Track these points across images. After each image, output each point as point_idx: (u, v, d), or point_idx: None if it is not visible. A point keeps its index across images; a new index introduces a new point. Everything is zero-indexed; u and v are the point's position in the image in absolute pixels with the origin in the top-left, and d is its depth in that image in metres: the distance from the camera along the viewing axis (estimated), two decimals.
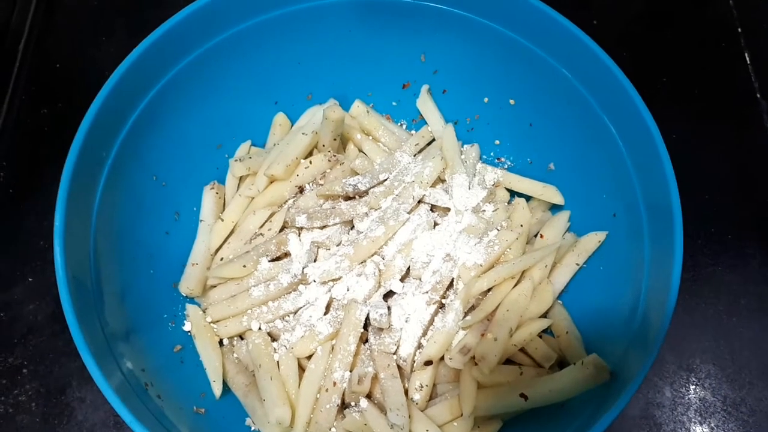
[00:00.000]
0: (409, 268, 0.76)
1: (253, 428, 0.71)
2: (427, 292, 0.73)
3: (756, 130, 1.00)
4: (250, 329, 0.75)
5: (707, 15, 1.09)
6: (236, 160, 0.83)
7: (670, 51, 1.05)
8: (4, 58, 0.99)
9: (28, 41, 1.01)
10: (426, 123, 0.89)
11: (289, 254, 0.78)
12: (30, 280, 0.87)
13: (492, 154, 0.89)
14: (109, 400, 0.55)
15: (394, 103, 0.91)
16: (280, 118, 0.88)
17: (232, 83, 0.82)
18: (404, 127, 0.92)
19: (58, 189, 0.65)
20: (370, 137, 0.87)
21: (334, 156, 0.83)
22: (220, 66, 0.79)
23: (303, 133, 0.82)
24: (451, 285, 0.75)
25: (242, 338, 0.77)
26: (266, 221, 0.80)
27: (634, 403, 0.82)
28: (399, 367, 0.71)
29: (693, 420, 0.82)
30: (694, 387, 0.84)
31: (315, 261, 0.78)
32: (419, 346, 0.72)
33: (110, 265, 0.69)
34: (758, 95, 1.03)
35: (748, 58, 1.06)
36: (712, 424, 0.82)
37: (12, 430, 0.79)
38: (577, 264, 0.76)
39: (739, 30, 1.08)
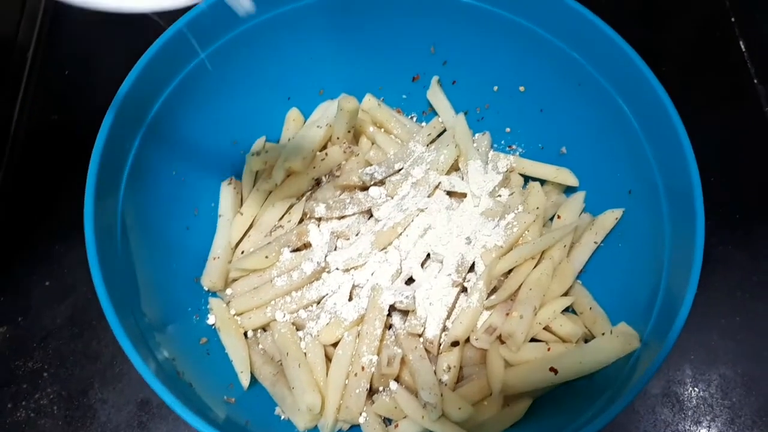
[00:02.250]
0: (428, 254, 0.77)
1: (283, 417, 0.70)
2: (449, 275, 0.74)
3: (755, 116, 1.02)
4: (275, 320, 0.74)
5: (701, 8, 1.12)
6: (252, 155, 0.83)
7: (665, 44, 1.08)
8: (14, 66, 0.99)
9: (37, 48, 1.02)
10: (436, 115, 0.90)
11: (309, 246, 0.78)
12: (47, 284, 0.86)
13: (503, 142, 0.90)
14: (148, 383, 0.55)
15: (404, 96, 0.91)
16: (294, 113, 0.88)
17: (246, 80, 0.83)
18: (414, 119, 0.93)
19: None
20: (383, 129, 0.88)
21: (350, 147, 0.84)
22: (233, 63, 0.80)
23: (318, 126, 0.82)
24: (471, 268, 0.76)
25: (266, 330, 0.77)
26: (285, 213, 0.81)
27: (656, 381, 0.83)
28: (426, 350, 0.71)
29: (714, 396, 0.83)
30: (713, 364, 0.84)
31: (335, 250, 0.78)
32: (444, 328, 0.73)
33: (136, 259, 0.69)
34: (755, 81, 1.06)
35: (743, 46, 1.08)
36: (734, 399, 0.83)
37: None
38: (595, 242, 0.77)
39: (733, 20, 1.11)
